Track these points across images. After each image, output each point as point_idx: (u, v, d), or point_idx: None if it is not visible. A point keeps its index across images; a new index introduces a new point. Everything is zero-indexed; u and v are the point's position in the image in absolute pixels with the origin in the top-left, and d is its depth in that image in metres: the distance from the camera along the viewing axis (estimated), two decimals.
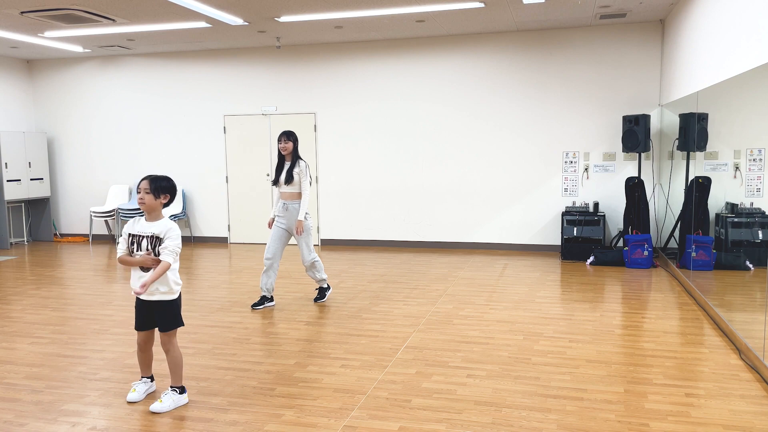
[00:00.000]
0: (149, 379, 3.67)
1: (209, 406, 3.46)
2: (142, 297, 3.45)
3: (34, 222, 10.11)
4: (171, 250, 3.37)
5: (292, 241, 8.97)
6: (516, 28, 7.97)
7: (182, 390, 3.53)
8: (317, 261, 5.67)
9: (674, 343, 4.45)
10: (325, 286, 5.86)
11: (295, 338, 4.69)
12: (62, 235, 10.18)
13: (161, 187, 3.42)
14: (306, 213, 5.56)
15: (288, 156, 5.53)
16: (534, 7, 6.71)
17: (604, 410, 3.33)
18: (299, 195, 5.53)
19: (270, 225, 5.65)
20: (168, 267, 3.37)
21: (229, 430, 3.17)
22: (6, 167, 9.17)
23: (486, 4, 6.57)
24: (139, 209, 9.26)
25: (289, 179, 5.48)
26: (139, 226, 3.44)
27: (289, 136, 5.50)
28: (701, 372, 3.88)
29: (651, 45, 7.72)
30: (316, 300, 5.81)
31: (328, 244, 9.12)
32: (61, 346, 4.59)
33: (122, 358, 4.31)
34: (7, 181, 9.19)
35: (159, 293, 3.43)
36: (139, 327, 3.52)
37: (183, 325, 3.55)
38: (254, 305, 5.60)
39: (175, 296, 3.48)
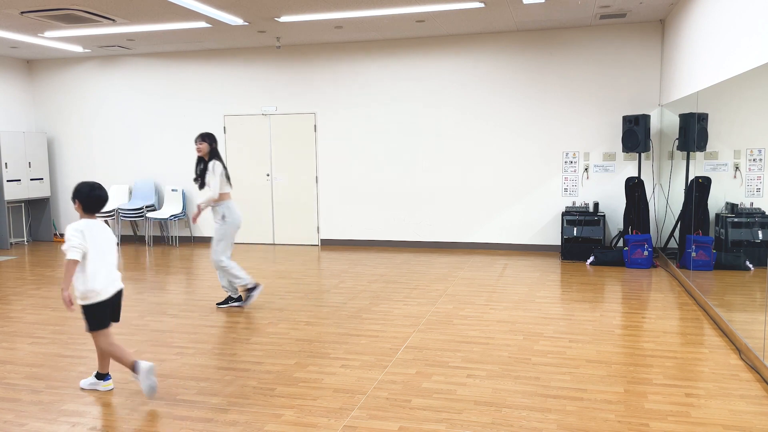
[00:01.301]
0: (99, 377, 3.77)
1: (209, 406, 3.46)
2: None
3: (34, 222, 10.11)
4: (64, 249, 3.47)
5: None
6: (516, 28, 7.97)
7: (102, 377, 3.72)
8: (226, 267, 5.42)
9: (674, 343, 4.45)
10: (251, 285, 5.55)
11: (295, 338, 4.69)
12: (62, 235, 10.18)
13: (72, 193, 3.58)
14: (223, 215, 5.41)
15: (206, 157, 5.43)
16: (534, 7, 6.71)
17: (604, 410, 3.33)
18: (221, 196, 5.39)
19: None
20: (68, 265, 3.45)
21: (229, 430, 3.17)
22: (6, 167, 9.17)
23: (486, 4, 6.57)
24: (137, 209, 9.27)
25: (202, 185, 5.42)
26: None
27: (203, 137, 5.40)
28: (701, 372, 3.88)
29: (651, 45, 7.72)
30: (241, 304, 5.59)
31: (328, 244, 9.13)
32: (61, 346, 4.59)
33: None
34: (7, 181, 9.19)
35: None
36: None
37: (91, 330, 3.56)
38: (219, 304, 5.68)
39: (85, 302, 3.52)
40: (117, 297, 3.63)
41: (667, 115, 7.38)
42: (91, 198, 3.56)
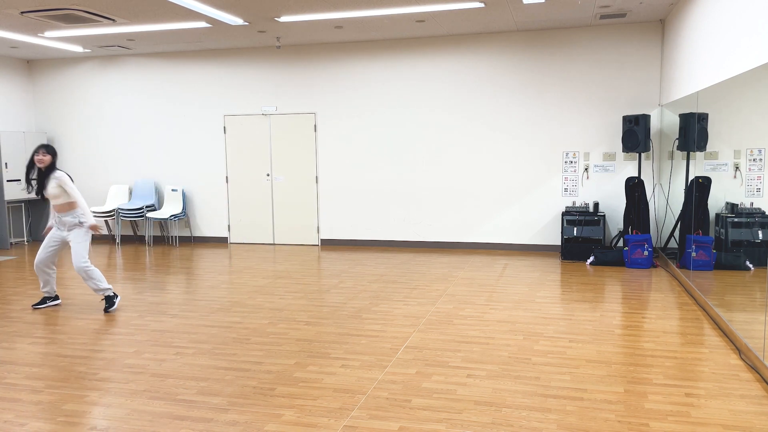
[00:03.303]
0: None
1: (209, 406, 3.46)
2: None
3: (34, 222, 10.10)
4: None
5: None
6: (516, 28, 7.97)
7: None
8: (90, 269, 5.53)
9: (674, 343, 4.45)
10: (111, 294, 5.63)
11: (295, 338, 4.69)
12: None
13: None
14: (80, 220, 5.53)
15: (43, 168, 5.50)
16: (534, 7, 6.71)
17: (604, 410, 3.33)
18: (69, 206, 5.49)
19: (47, 233, 5.68)
20: None
21: (229, 430, 3.17)
22: (6, 167, 9.17)
23: (486, 4, 6.57)
24: (137, 209, 9.26)
25: (39, 192, 5.55)
26: None
27: (48, 149, 5.49)
28: (701, 372, 3.88)
29: (651, 45, 7.72)
30: (106, 310, 5.57)
31: (328, 244, 9.13)
32: (61, 346, 4.59)
33: (122, 358, 4.31)
34: (7, 181, 9.19)
35: None
36: None
37: None
38: (35, 305, 5.74)
39: None
40: None
41: (667, 115, 7.38)
42: None
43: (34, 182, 5.56)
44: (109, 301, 5.62)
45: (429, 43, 8.47)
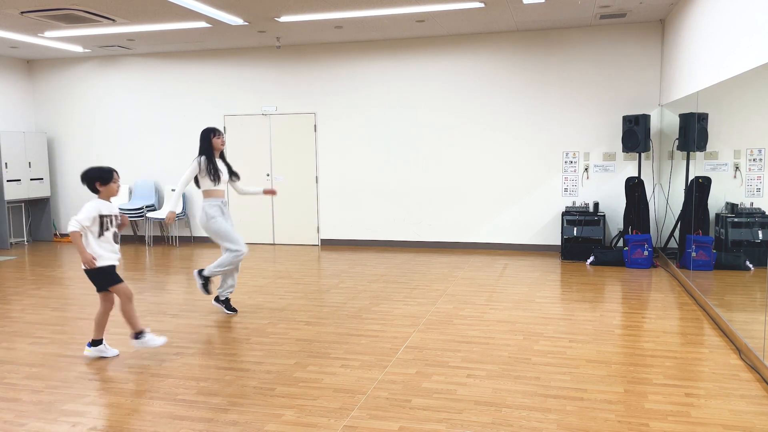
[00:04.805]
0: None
1: (209, 406, 3.46)
2: None
3: (34, 222, 10.11)
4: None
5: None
6: (516, 28, 7.97)
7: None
8: None
9: (674, 343, 4.45)
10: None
11: (295, 338, 4.69)
12: (62, 235, 10.18)
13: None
14: None
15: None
16: (534, 7, 6.71)
17: (604, 410, 3.33)
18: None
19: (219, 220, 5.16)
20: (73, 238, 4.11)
21: (229, 430, 3.17)
22: (6, 167, 9.17)
23: (486, 4, 6.57)
24: (137, 209, 9.26)
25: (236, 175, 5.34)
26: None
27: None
28: (701, 372, 3.88)
29: (651, 45, 7.71)
30: (231, 309, 5.45)
31: (328, 244, 9.12)
32: (61, 346, 4.59)
33: (122, 358, 4.31)
34: (7, 181, 9.19)
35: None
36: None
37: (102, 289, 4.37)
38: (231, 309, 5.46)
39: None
40: None
41: (667, 115, 7.38)
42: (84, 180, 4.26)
43: (218, 171, 5.12)
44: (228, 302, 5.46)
45: (429, 43, 8.46)
